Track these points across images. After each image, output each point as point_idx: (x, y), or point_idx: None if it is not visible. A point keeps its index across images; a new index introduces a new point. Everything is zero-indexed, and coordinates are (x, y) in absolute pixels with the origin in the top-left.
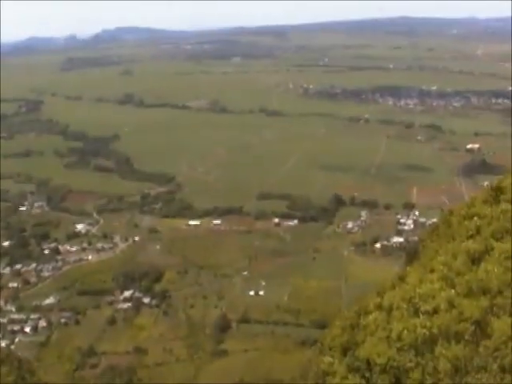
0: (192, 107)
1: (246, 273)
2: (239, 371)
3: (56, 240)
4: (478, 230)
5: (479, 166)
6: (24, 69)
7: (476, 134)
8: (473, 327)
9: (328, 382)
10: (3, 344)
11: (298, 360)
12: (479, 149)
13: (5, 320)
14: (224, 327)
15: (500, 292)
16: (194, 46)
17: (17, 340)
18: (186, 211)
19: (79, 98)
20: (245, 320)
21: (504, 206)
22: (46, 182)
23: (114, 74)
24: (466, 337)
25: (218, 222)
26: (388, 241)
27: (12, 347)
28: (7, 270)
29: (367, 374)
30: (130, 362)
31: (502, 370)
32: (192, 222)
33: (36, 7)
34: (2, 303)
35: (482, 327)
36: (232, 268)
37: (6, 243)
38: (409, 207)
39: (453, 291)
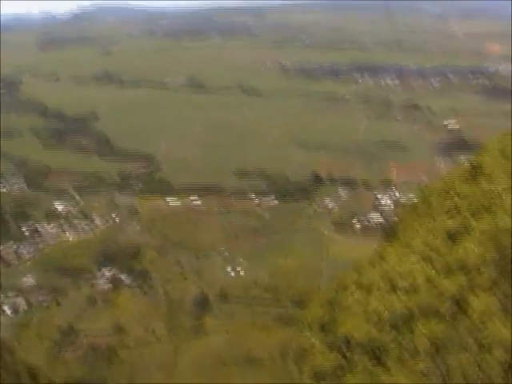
0: (170, 85)
1: (225, 252)
2: (219, 350)
3: (35, 220)
4: (457, 209)
5: (458, 144)
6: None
7: (455, 113)
8: (452, 305)
9: (307, 360)
10: None
11: (277, 338)
12: (458, 127)
13: None
14: (203, 306)
15: (478, 270)
16: (172, 24)
17: None
18: (166, 190)
19: (58, 77)
20: (224, 298)
21: (483, 184)
22: (25, 162)
23: (92, 52)
24: (445, 314)
25: (197, 200)
26: (367, 219)
27: None
28: None
29: (347, 351)
30: (111, 342)
31: (481, 348)
32: (171, 201)
33: None
34: None
35: (460, 305)
36: (212, 247)
37: None
38: (387, 185)
39: (431, 269)
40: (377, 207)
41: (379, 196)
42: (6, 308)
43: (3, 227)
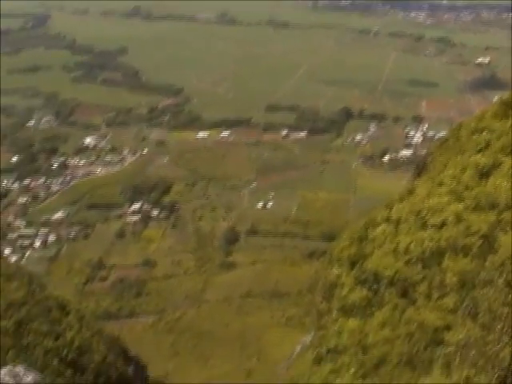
0: (200, 19)
1: (254, 185)
2: (247, 283)
3: (64, 154)
4: (487, 145)
5: (489, 81)
6: None
7: (486, 49)
8: (480, 241)
9: (335, 294)
10: (13, 259)
11: (305, 272)
12: (489, 63)
13: (14, 235)
14: (232, 239)
15: (508, 207)
16: None
17: (26, 255)
18: (195, 123)
19: (86, 11)
20: (253, 232)
21: None
22: (54, 96)
23: None
24: (474, 251)
25: (226, 133)
26: (396, 154)
27: (22, 262)
28: (16, 186)
29: (375, 287)
30: (139, 275)
31: (508, 284)
32: (200, 134)
33: None
34: (11, 219)
35: (489, 241)
36: (240, 180)
37: (13, 159)
38: (417, 120)
39: (461, 205)
40: (407, 143)
41: (409, 132)
42: (35, 242)
43: (32, 162)
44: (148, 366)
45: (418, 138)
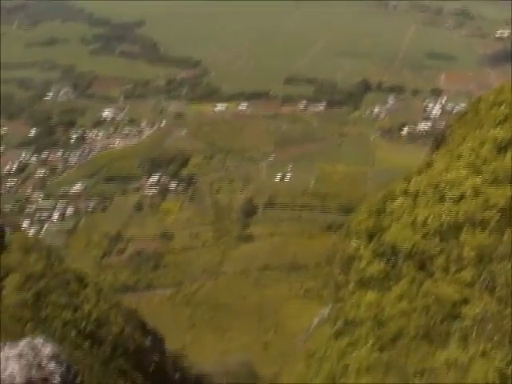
0: None
1: (272, 157)
2: (265, 256)
3: (82, 127)
4: (506, 118)
5: (509, 55)
6: None
7: (507, 22)
8: (498, 215)
9: (353, 267)
10: (31, 232)
11: (323, 245)
12: (509, 37)
13: (32, 208)
14: (250, 212)
15: None
16: None
17: (45, 228)
18: (213, 96)
19: None
20: (271, 204)
21: None
22: (72, 69)
23: None
24: (491, 225)
25: (244, 106)
26: (415, 127)
27: (40, 235)
28: (34, 159)
29: (392, 259)
30: (157, 247)
31: None
32: (218, 107)
33: None
34: (30, 191)
35: (507, 215)
36: (258, 152)
37: (31, 132)
38: (436, 93)
39: (479, 179)
40: (425, 116)
41: (428, 104)
42: (53, 214)
43: (50, 135)
44: (165, 338)
45: (436, 111)
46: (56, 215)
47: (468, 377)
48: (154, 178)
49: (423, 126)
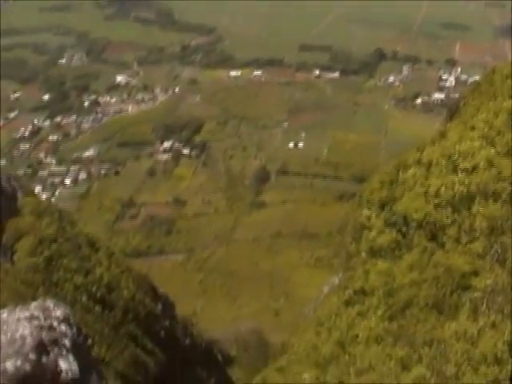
0: None
1: (285, 125)
2: (277, 223)
3: (96, 92)
4: None
5: None
6: None
7: None
8: (510, 187)
9: (365, 236)
10: (44, 196)
11: (335, 213)
12: None
13: (45, 173)
14: (263, 179)
15: None
16: None
17: (57, 192)
18: (227, 62)
19: None
20: (284, 172)
21: None
22: (86, 34)
23: None
24: (503, 197)
25: (258, 73)
26: (429, 97)
27: (53, 199)
28: (47, 123)
29: (404, 229)
30: (169, 213)
31: None
32: (233, 73)
33: None
34: (42, 156)
35: None
36: (272, 119)
37: (45, 96)
38: (451, 64)
39: (493, 150)
40: (440, 86)
41: (443, 75)
42: (66, 179)
43: (64, 99)
44: (176, 304)
45: (451, 81)
46: (69, 180)
47: (477, 348)
48: (168, 144)
49: (437, 96)
